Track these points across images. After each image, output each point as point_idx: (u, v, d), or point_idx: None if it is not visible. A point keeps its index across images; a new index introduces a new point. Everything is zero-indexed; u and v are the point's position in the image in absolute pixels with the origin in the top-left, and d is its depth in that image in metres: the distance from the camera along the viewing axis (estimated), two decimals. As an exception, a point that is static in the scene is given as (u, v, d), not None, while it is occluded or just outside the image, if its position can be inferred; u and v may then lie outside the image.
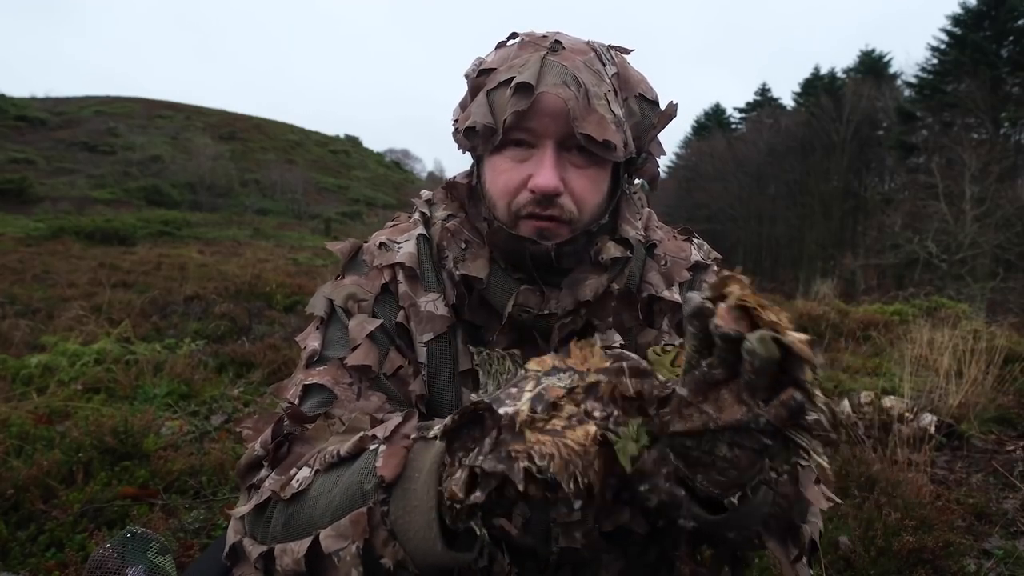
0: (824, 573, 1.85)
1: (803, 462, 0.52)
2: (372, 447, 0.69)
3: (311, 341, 0.90)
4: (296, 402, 0.85)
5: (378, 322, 0.90)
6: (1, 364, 3.75)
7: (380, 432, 0.70)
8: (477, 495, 0.56)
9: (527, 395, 0.57)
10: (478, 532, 0.59)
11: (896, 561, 1.88)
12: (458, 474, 0.58)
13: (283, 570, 0.69)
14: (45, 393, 3.30)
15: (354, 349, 0.87)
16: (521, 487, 0.53)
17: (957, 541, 1.96)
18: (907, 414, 3.20)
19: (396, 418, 0.71)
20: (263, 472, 0.78)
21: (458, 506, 0.59)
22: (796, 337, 0.48)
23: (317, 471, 0.72)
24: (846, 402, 3.48)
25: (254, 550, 0.73)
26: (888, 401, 3.39)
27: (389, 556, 0.64)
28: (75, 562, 1.74)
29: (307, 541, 0.68)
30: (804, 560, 0.74)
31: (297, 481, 0.73)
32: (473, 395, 0.75)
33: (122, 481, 2.23)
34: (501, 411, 0.56)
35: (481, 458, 0.56)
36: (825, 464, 0.52)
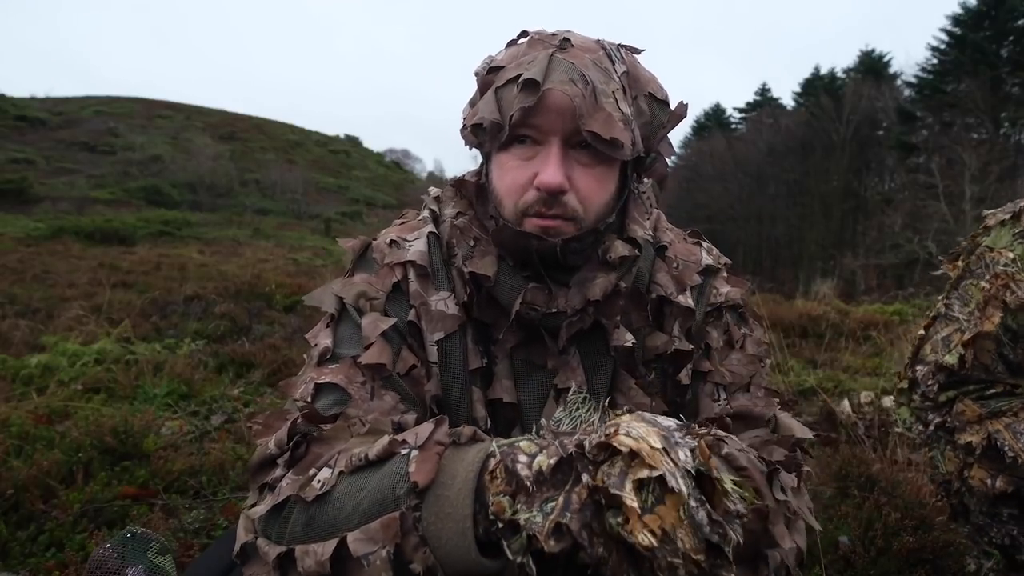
0: (824, 573, 1.85)
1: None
2: (403, 452, 0.70)
3: (322, 339, 0.89)
4: (308, 400, 0.84)
5: (391, 321, 0.89)
6: (1, 364, 3.75)
7: (411, 438, 0.71)
8: (552, 544, 0.59)
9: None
10: (511, 550, 0.62)
11: (896, 561, 1.88)
12: (536, 515, 0.61)
13: (305, 571, 0.69)
14: (45, 393, 3.30)
15: (367, 348, 0.86)
16: (589, 559, 0.60)
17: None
18: (907, 414, 3.20)
19: (428, 425, 0.72)
20: (278, 471, 0.77)
21: (501, 524, 0.62)
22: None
23: (341, 473, 0.72)
24: (846, 402, 3.48)
25: (271, 550, 0.72)
26: (888, 401, 3.39)
27: (419, 562, 0.64)
28: (75, 562, 1.74)
29: (332, 543, 0.67)
30: None
31: (319, 482, 0.72)
32: (544, 420, 0.76)
33: (122, 481, 2.23)
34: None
35: (568, 515, 0.60)
36: None
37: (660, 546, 0.57)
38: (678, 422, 0.68)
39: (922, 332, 1.56)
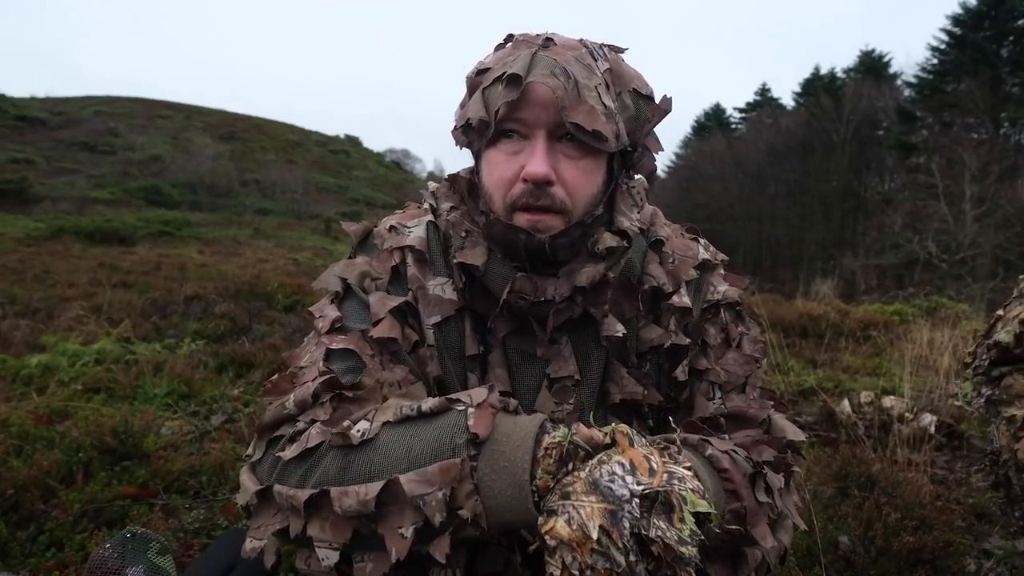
0: (824, 573, 1.85)
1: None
2: (460, 408, 0.73)
3: (329, 311, 0.91)
4: (322, 364, 0.85)
5: (400, 299, 0.91)
6: (1, 364, 3.75)
7: (465, 398, 0.74)
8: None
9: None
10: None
11: (896, 561, 1.88)
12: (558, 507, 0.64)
13: (343, 510, 0.70)
14: (45, 393, 3.30)
15: (376, 323, 0.88)
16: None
17: (957, 541, 1.96)
18: (907, 414, 3.20)
19: (482, 389, 0.76)
20: (300, 425, 0.79)
21: (538, 497, 0.66)
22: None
23: (386, 423, 0.75)
24: (846, 402, 3.48)
25: (299, 494, 0.73)
26: (888, 401, 3.39)
27: (469, 508, 0.67)
28: (75, 562, 1.74)
29: (378, 484, 0.69)
30: None
31: (359, 431, 0.74)
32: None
33: (122, 481, 2.23)
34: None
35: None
36: None
37: None
38: (659, 448, 0.69)
39: (1000, 312, 1.59)
